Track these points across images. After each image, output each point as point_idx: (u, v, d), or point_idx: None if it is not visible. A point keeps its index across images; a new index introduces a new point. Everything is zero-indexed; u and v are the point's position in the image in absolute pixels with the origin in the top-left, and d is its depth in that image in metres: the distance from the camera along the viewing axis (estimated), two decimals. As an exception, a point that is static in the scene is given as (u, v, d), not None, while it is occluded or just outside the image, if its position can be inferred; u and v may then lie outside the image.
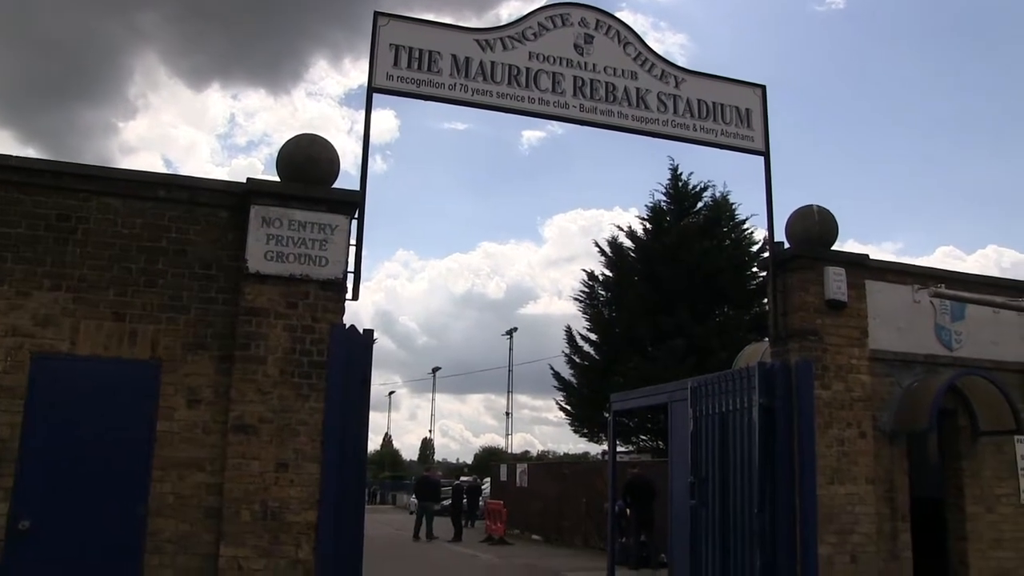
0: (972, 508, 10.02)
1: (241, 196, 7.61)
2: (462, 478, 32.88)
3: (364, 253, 7.89)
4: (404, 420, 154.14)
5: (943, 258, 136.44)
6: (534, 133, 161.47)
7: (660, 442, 26.47)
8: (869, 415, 9.49)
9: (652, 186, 43.16)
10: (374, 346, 8.10)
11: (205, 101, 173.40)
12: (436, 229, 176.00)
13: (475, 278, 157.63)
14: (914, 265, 10.55)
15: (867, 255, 9.94)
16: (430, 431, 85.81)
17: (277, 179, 7.86)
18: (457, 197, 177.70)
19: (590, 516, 23.05)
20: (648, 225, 30.00)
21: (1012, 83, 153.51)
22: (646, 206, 30.62)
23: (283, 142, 8.02)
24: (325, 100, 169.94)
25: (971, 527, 9.97)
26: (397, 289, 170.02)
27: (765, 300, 12.74)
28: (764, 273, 10.94)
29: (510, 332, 66.20)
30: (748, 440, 9.53)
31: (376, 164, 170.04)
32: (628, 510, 18.10)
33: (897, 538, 9.49)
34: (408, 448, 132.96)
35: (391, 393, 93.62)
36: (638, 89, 9.52)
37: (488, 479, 35.83)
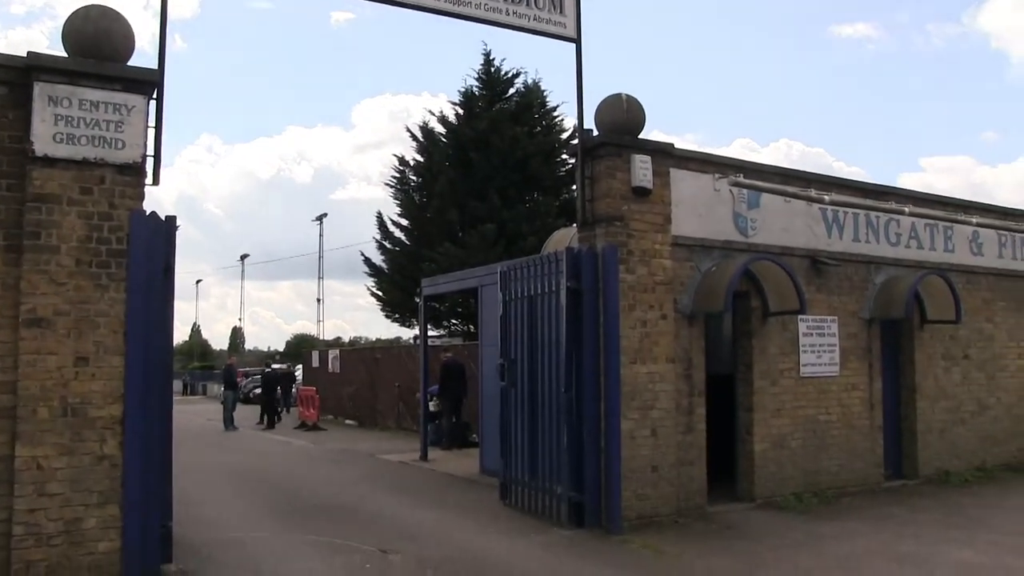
0: (759, 382, 10.76)
1: (22, 71, 6.85)
2: (273, 366, 32.24)
3: (164, 136, 7.36)
4: (213, 309, 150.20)
5: (740, 149, 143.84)
6: (343, 14, 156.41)
7: (471, 326, 26.90)
8: (670, 298, 9.89)
9: (464, 72, 42.73)
10: (178, 233, 7.71)
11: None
12: (241, 113, 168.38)
13: (282, 163, 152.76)
14: (715, 155, 10.89)
15: (672, 144, 10.17)
16: (240, 319, 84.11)
17: (64, 55, 7.12)
18: (262, 80, 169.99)
19: (403, 399, 23.31)
20: (460, 111, 29.74)
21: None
22: (458, 91, 30.35)
23: (69, 14, 7.25)
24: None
25: (757, 399, 10.73)
26: (201, 175, 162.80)
27: (574, 186, 12.89)
28: (573, 160, 11.02)
29: (320, 218, 64.88)
30: (556, 322, 9.77)
31: (175, 43, 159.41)
32: (440, 392, 18.37)
33: (693, 412, 10.08)
34: (218, 338, 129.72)
35: (198, 282, 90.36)
36: (450, -31, 9.17)
37: (300, 366, 35.46)
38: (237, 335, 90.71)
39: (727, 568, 7.70)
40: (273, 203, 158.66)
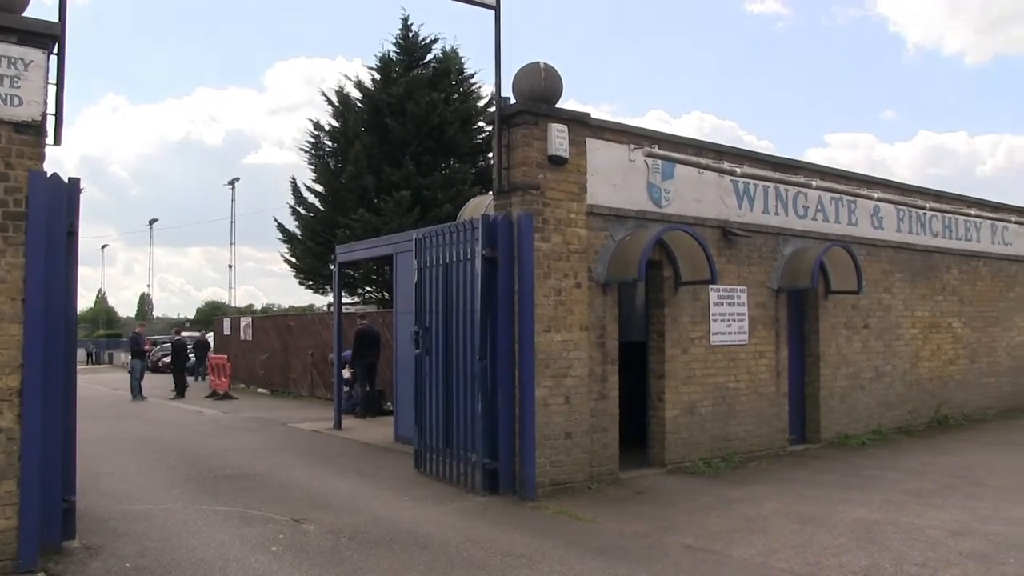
0: (671, 350, 10.96)
1: (-96, 19, 6.49)
2: (184, 333, 31.47)
3: (66, 94, 7.04)
4: (119, 275, 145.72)
5: (653, 121, 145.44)
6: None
7: (386, 293, 26.79)
8: (585, 266, 9.98)
9: (381, 37, 42.13)
10: (82, 196, 7.39)
11: None
12: (148, 73, 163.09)
13: (192, 125, 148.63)
14: (631, 126, 10.95)
15: (589, 114, 10.21)
16: (148, 286, 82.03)
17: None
18: (171, 39, 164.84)
19: (316, 367, 23.08)
20: (376, 76, 29.36)
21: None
22: (375, 56, 29.95)
23: (-45, -45, 6.86)
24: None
25: (669, 367, 10.93)
26: (106, 135, 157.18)
27: (490, 154, 12.88)
28: (490, 127, 11.01)
29: (232, 182, 63.80)
30: (471, 290, 9.78)
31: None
32: (354, 360, 18.24)
33: (606, 380, 10.22)
34: (125, 304, 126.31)
35: (104, 247, 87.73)
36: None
37: (211, 333, 34.75)
38: (145, 302, 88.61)
39: (639, 532, 7.87)
40: (183, 166, 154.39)
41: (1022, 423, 15.69)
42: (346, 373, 17.98)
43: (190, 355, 28.99)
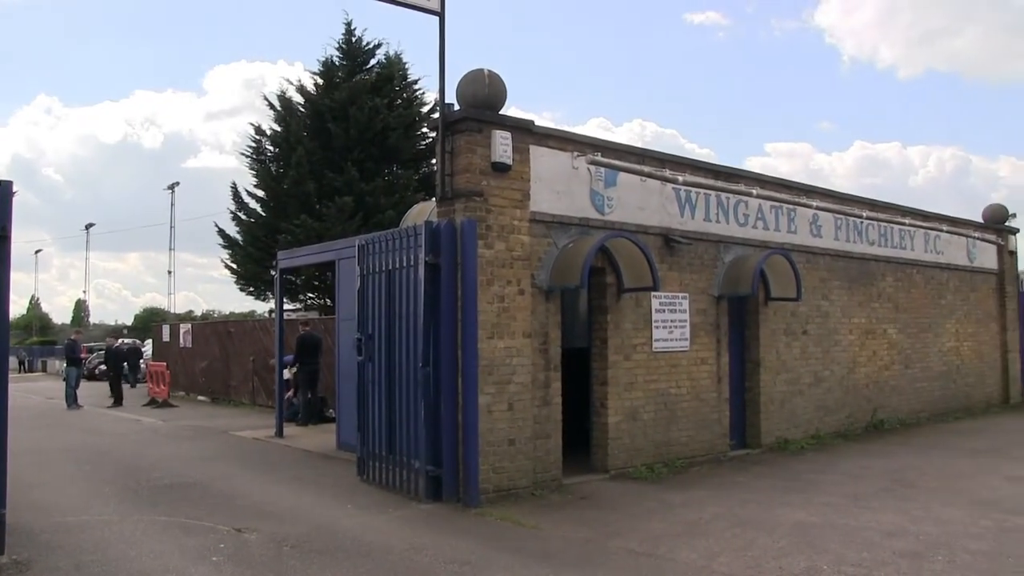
0: (613, 356, 11.04)
1: None
2: (123, 341, 30.80)
3: (-6, 93, 6.85)
4: (54, 281, 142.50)
5: (596, 128, 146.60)
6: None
7: (328, 300, 26.52)
8: (528, 273, 10.00)
9: (324, 41, 41.83)
10: (14, 199, 7.20)
11: None
12: (83, 74, 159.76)
13: (129, 128, 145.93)
14: (574, 133, 11.02)
15: (533, 121, 10.25)
16: (84, 292, 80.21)
17: None
18: (106, 40, 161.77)
19: (258, 375, 22.78)
20: (319, 80, 29.11)
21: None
22: (318, 61, 29.68)
23: None
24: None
25: (611, 373, 11.00)
26: (38, 138, 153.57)
27: (434, 160, 12.85)
28: (434, 133, 10.98)
29: (172, 187, 62.79)
30: (414, 297, 9.74)
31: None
32: (296, 367, 18.02)
33: (549, 386, 10.25)
34: (60, 311, 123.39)
35: (38, 252, 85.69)
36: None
37: (150, 340, 34.07)
38: (81, 308, 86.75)
39: (582, 537, 7.90)
40: (120, 170, 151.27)
41: (952, 426, 16.12)
42: (287, 374, 17.74)
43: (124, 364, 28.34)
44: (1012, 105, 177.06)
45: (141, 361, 31.22)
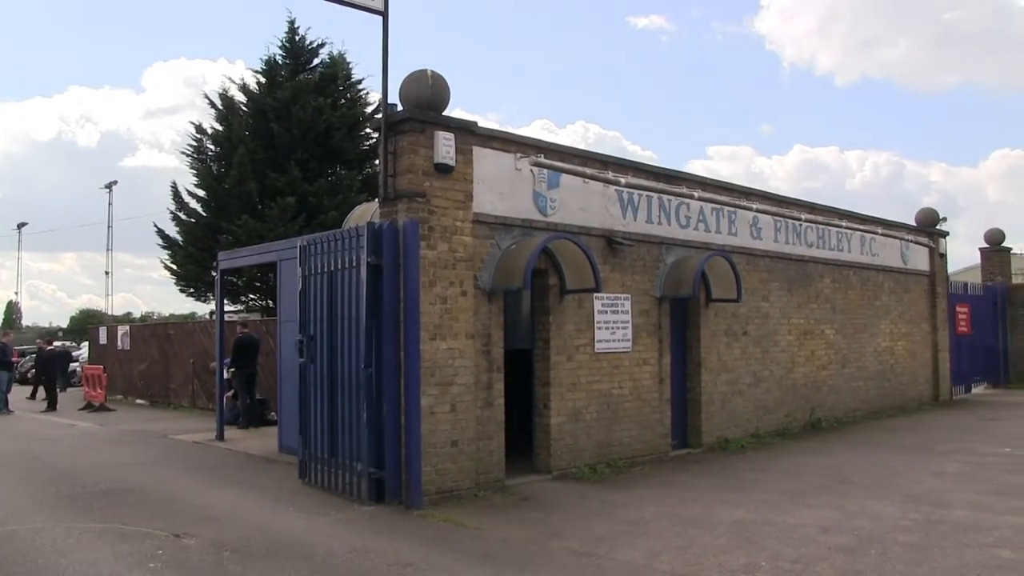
0: (556, 357, 11.08)
1: None
2: (55, 344, 30.06)
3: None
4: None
5: (539, 130, 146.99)
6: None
7: (270, 301, 26.27)
8: (471, 274, 10.00)
9: (267, 39, 41.37)
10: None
11: None
12: (12, 68, 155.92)
13: (64, 125, 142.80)
14: (518, 135, 11.03)
15: (476, 122, 10.24)
16: (16, 293, 78.25)
17: None
18: (39, 34, 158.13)
19: (198, 377, 22.43)
20: (261, 79, 28.81)
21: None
22: (260, 59, 29.42)
23: None
24: None
25: (554, 374, 11.05)
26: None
27: (377, 161, 12.78)
28: (377, 134, 10.90)
29: (109, 186, 61.63)
30: (356, 298, 9.68)
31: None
32: (234, 369, 17.76)
33: (492, 387, 10.26)
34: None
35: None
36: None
37: (86, 343, 33.33)
38: (13, 310, 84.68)
39: (524, 538, 7.93)
40: (54, 168, 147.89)
41: (886, 424, 16.50)
42: (227, 374, 17.48)
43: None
44: (943, 113, 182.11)
45: (74, 364, 30.52)
